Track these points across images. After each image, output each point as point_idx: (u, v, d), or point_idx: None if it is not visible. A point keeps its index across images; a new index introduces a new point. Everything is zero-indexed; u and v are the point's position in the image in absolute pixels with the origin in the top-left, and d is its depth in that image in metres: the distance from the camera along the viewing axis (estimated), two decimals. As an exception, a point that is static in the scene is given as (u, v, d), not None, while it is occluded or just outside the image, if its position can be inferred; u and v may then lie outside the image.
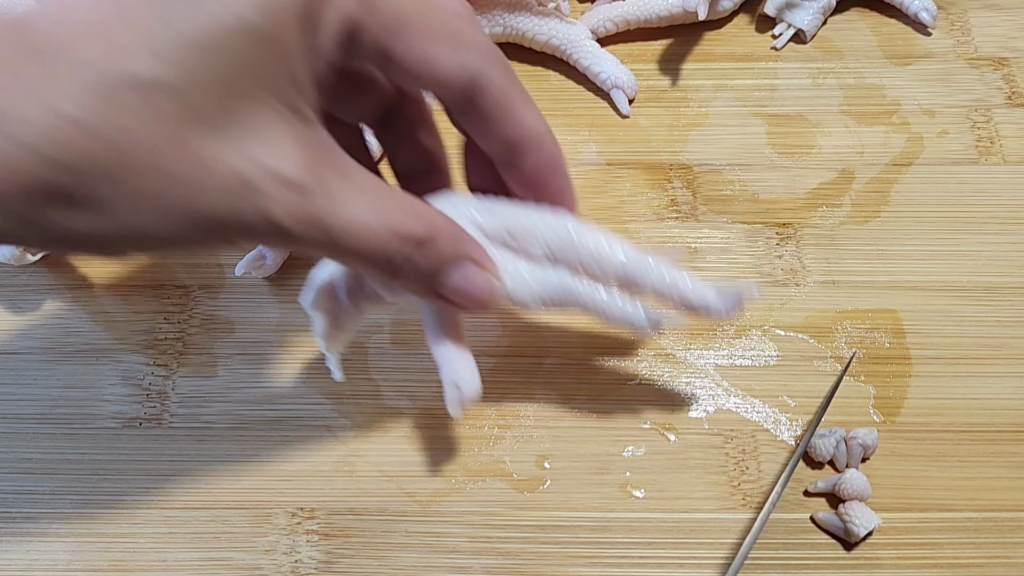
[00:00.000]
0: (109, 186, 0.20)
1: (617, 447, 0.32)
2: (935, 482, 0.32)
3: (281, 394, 0.34)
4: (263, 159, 0.21)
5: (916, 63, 0.41)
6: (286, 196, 0.22)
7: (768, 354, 0.34)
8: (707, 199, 0.38)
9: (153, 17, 0.20)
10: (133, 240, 0.21)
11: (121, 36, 0.19)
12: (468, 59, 0.24)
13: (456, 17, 0.24)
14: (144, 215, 0.21)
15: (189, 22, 0.20)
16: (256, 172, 0.21)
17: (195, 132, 0.20)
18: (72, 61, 0.19)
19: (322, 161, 0.23)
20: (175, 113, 0.20)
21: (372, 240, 0.23)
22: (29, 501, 0.32)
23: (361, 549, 0.31)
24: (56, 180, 0.19)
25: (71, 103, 0.19)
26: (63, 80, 0.19)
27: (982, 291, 0.35)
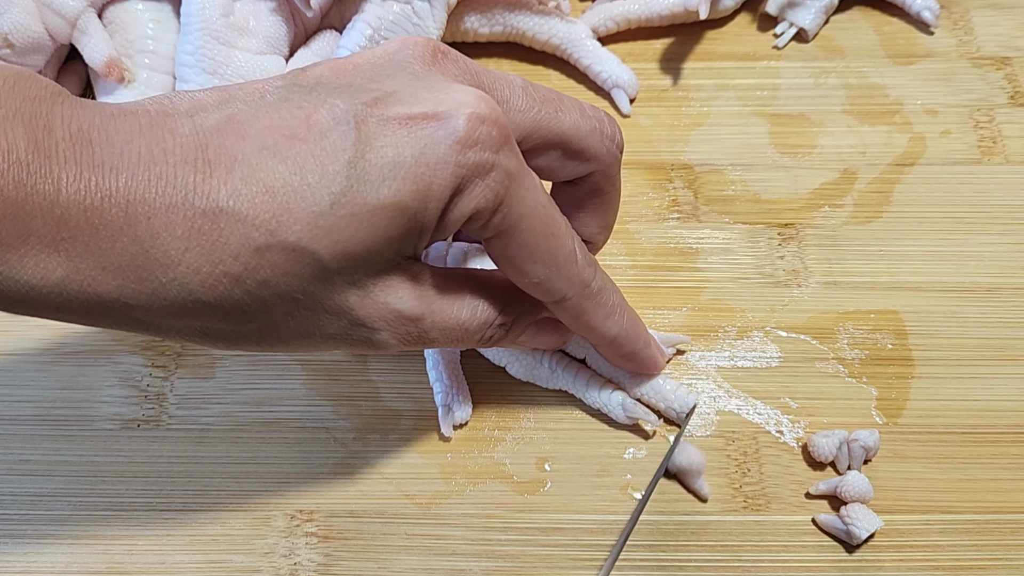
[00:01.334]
0: (242, 322, 0.24)
1: (618, 449, 0.32)
2: (937, 484, 0.31)
3: (280, 396, 0.34)
4: (382, 300, 0.25)
5: (918, 62, 0.41)
6: (397, 327, 0.26)
7: (770, 355, 0.34)
8: (708, 199, 0.38)
9: (326, 191, 0.23)
10: (253, 349, 0.26)
11: (292, 204, 0.23)
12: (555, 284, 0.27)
13: (560, 241, 0.27)
14: (268, 339, 0.25)
15: (356, 202, 0.23)
16: (372, 314, 0.26)
17: (326, 288, 0.24)
18: (239, 218, 0.22)
19: (427, 289, 0.27)
20: (315, 275, 0.24)
21: (465, 333, 0.28)
22: (27, 503, 0.32)
23: (360, 552, 0.31)
24: (200, 313, 0.24)
25: (235, 263, 0.23)
26: (228, 236, 0.22)
27: (984, 292, 0.35)
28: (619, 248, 0.37)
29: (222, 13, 0.37)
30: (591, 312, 0.29)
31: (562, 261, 0.27)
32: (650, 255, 0.36)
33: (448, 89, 0.24)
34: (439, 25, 0.38)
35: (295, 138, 0.23)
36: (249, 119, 0.23)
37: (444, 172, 0.24)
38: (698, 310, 0.35)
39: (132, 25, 0.38)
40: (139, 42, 0.38)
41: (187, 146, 0.22)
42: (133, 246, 0.22)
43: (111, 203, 0.22)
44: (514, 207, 0.25)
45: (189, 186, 0.22)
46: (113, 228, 0.22)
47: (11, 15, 0.36)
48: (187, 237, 0.22)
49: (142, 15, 0.38)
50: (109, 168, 0.22)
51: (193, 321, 0.24)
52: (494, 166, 0.24)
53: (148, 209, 0.22)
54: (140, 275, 0.22)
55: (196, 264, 0.22)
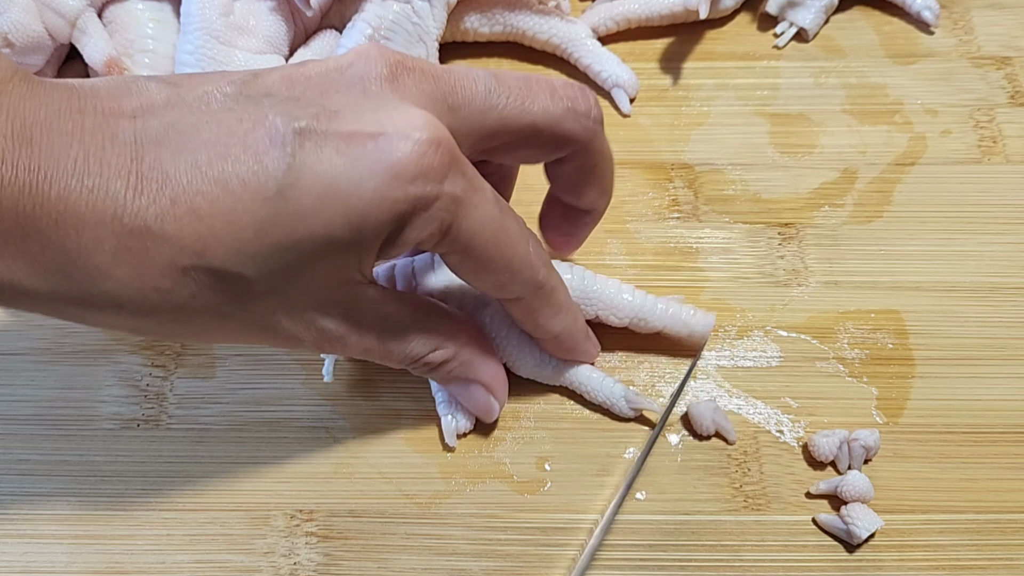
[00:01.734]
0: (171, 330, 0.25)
1: (618, 449, 0.32)
2: (938, 484, 0.31)
3: (280, 395, 0.34)
4: (311, 320, 0.26)
5: (919, 62, 0.41)
6: (320, 341, 0.27)
7: (770, 355, 0.34)
8: (709, 199, 0.38)
9: (252, 219, 0.23)
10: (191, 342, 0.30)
11: (219, 228, 0.23)
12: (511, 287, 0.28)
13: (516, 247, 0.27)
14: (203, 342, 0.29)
15: (284, 232, 0.23)
16: (302, 329, 0.26)
17: (255, 304, 0.25)
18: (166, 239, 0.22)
19: (364, 312, 0.27)
20: (241, 294, 0.24)
21: (389, 359, 0.29)
22: (26, 502, 0.32)
23: (360, 551, 0.31)
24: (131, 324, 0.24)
25: (163, 280, 0.23)
26: (155, 256, 0.23)
27: (985, 292, 0.35)
28: (619, 248, 0.37)
29: (222, 12, 0.37)
30: (541, 310, 0.29)
31: (516, 266, 0.27)
32: (650, 255, 0.36)
33: (395, 111, 0.24)
34: (439, 25, 0.38)
35: (228, 158, 0.22)
36: (189, 129, 0.23)
37: (381, 207, 0.23)
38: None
39: (132, 25, 0.38)
40: (139, 42, 0.38)
41: (123, 156, 0.22)
42: (62, 256, 0.22)
43: (43, 211, 0.22)
44: (464, 228, 0.25)
45: (119, 202, 0.22)
46: (43, 237, 0.22)
47: (11, 14, 0.36)
48: (115, 253, 0.22)
49: (142, 15, 0.38)
50: (44, 174, 0.22)
51: (125, 323, 0.24)
52: (438, 196, 0.24)
53: (78, 222, 0.22)
54: (70, 282, 0.23)
55: (125, 279, 0.23)
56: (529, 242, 0.28)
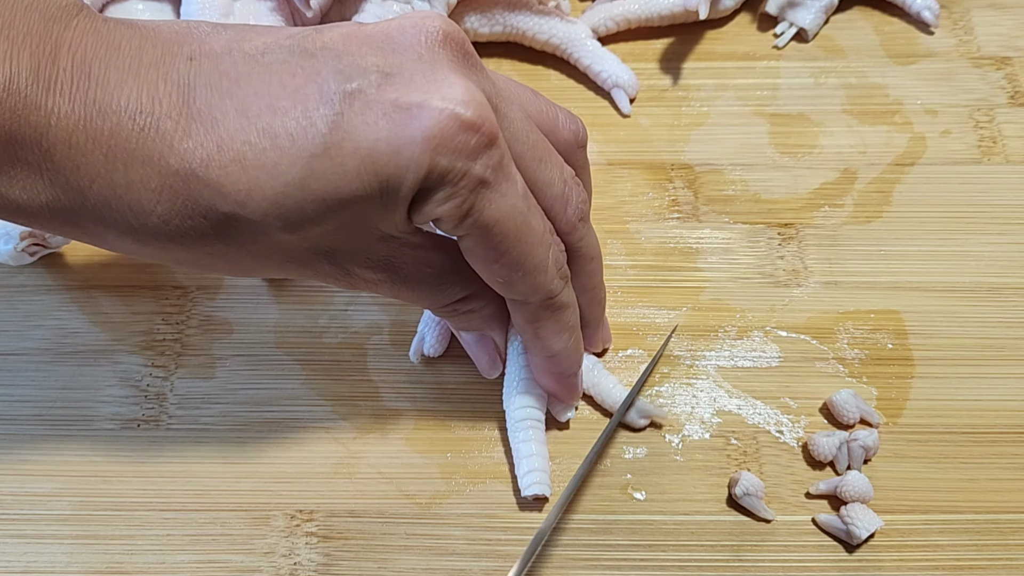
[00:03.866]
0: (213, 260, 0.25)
1: (618, 448, 0.32)
2: (937, 484, 0.31)
3: (280, 396, 0.34)
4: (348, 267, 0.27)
5: (918, 62, 0.41)
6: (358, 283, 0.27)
7: (770, 355, 0.34)
8: (708, 199, 0.38)
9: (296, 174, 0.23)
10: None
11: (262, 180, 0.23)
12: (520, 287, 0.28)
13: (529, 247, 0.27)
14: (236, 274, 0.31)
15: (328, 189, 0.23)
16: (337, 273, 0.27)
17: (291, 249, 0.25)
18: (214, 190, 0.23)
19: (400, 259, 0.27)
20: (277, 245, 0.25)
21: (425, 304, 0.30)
22: (27, 503, 0.32)
23: (360, 551, 0.31)
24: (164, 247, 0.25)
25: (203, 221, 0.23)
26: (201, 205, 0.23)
27: (985, 292, 0.35)
28: (619, 248, 0.37)
29: (222, 13, 0.37)
30: (545, 323, 0.29)
31: (530, 267, 0.27)
32: (650, 255, 0.36)
33: (444, 82, 0.24)
34: (439, 25, 0.38)
35: (278, 111, 0.23)
36: (242, 77, 0.23)
37: (409, 171, 0.23)
38: (698, 310, 0.35)
39: (132, 25, 0.38)
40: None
41: (175, 97, 0.23)
42: (108, 190, 0.23)
43: (94, 145, 0.22)
44: (486, 213, 0.25)
45: (167, 142, 0.23)
46: (92, 170, 0.23)
47: None
48: (160, 191, 0.23)
49: (142, 15, 0.38)
50: (99, 109, 0.22)
51: (161, 253, 0.25)
52: (465, 174, 0.24)
53: (127, 158, 0.23)
54: (115, 216, 0.23)
55: (167, 216, 0.23)
56: (551, 249, 0.27)
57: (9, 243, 0.34)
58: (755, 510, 0.31)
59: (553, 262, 0.27)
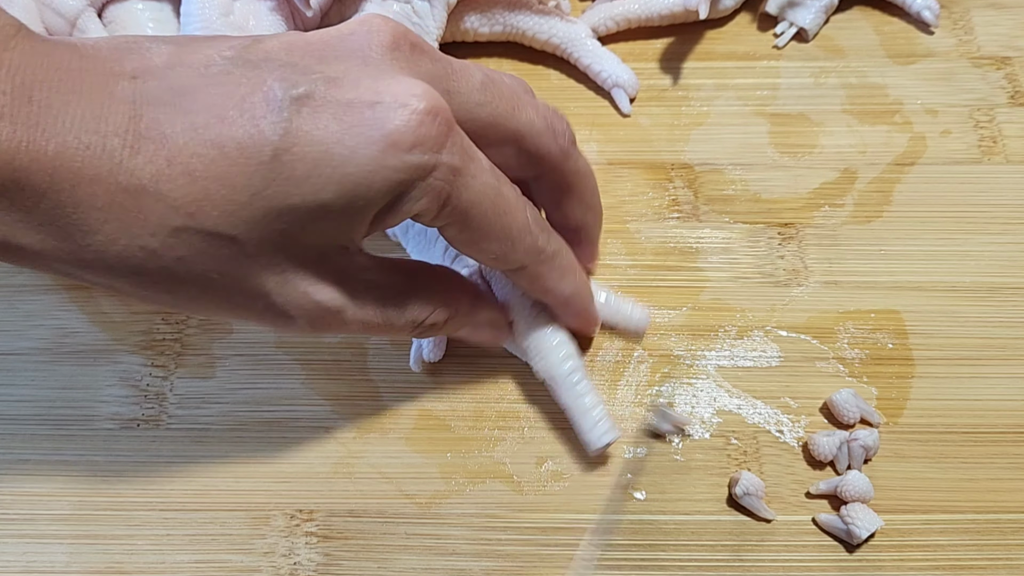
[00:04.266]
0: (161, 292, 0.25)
1: (618, 448, 0.32)
2: (937, 484, 0.31)
3: (280, 395, 0.34)
4: (302, 290, 0.25)
5: (918, 62, 0.41)
6: (313, 317, 0.26)
7: (770, 355, 0.34)
8: (709, 199, 0.38)
9: (247, 183, 0.23)
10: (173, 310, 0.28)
11: (213, 191, 0.23)
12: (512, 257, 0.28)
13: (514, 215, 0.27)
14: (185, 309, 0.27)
15: (278, 196, 0.23)
16: (290, 302, 0.25)
17: (244, 272, 0.24)
18: (160, 198, 0.22)
19: (357, 282, 0.26)
20: (231, 257, 0.24)
21: (391, 330, 0.28)
22: (27, 502, 0.32)
23: (360, 551, 0.31)
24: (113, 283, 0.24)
25: (152, 240, 0.23)
26: (148, 214, 0.23)
27: (985, 292, 0.35)
28: (619, 248, 0.37)
29: (222, 13, 0.36)
30: (547, 275, 0.29)
31: (516, 234, 0.27)
32: (650, 255, 0.36)
33: (393, 80, 0.24)
34: (439, 24, 0.38)
35: (225, 121, 0.23)
36: (188, 92, 0.23)
37: (376, 176, 0.23)
38: (698, 310, 0.35)
39: (132, 25, 0.38)
40: (139, 42, 0.38)
41: (121, 115, 0.22)
42: (56, 210, 0.22)
43: (39, 166, 0.22)
44: (463, 198, 0.25)
45: (116, 159, 0.22)
46: (37, 191, 0.22)
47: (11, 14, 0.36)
48: (107, 209, 0.22)
49: (142, 15, 0.38)
50: (42, 131, 0.22)
51: (109, 281, 0.24)
52: (436, 166, 0.24)
53: (73, 177, 0.22)
54: (60, 235, 0.23)
55: (114, 235, 0.23)
56: (527, 209, 0.27)
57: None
58: (755, 510, 0.31)
59: (532, 220, 0.28)
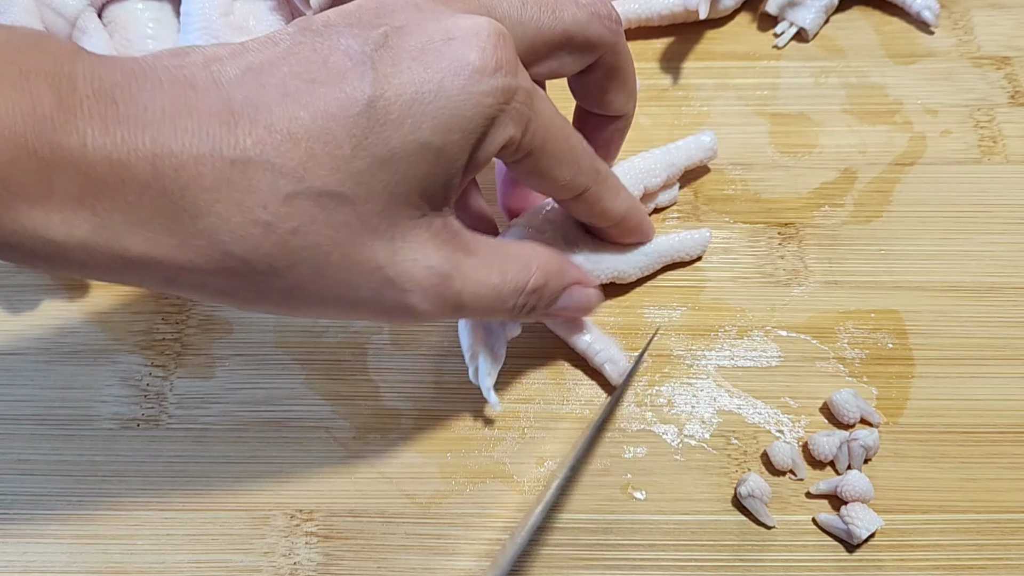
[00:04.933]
0: (270, 278, 0.24)
1: (618, 448, 0.32)
2: (937, 484, 0.31)
3: (280, 395, 0.34)
4: (411, 257, 0.25)
5: (919, 62, 0.41)
6: (427, 288, 0.26)
7: (770, 355, 0.34)
8: (709, 198, 0.38)
9: (348, 135, 0.23)
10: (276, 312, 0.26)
11: (317, 150, 0.23)
12: (578, 180, 0.29)
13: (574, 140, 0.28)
14: (293, 301, 0.25)
15: (380, 143, 0.23)
16: (402, 272, 0.25)
17: (357, 237, 0.24)
18: (267, 166, 0.22)
19: (456, 246, 0.26)
20: (344, 220, 0.23)
21: (498, 300, 0.27)
22: (27, 502, 0.32)
23: (360, 551, 0.31)
24: (227, 265, 0.23)
25: (264, 212, 0.22)
26: (258, 184, 0.22)
27: (985, 291, 0.35)
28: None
29: (222, 12, 0.36)
30: (606, 196, 0.30)
31: (580, 155, 0.28)
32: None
33: (455, 19, 0.24)
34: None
35: (314, 82, 0.23)
36: (267, 67, 0.23)
37: (467, 104, 0.24)
38: (698, 310, 0.35)
39: (132, 24, 0.38)
40: (139, 42, 0.38)
41: (210, 99, 0.22)
42: (161, 199, 0.22)
43: (138, 157, 0.22)
44: (540, 122, 0.26)
45: (216, 137, 0.22)
46: (140, 182, 0.22)
47: (11, 14, 0.36)
48: (216, 188, 0.22)
49: (142, 14, 0.38)
50: (134, 123, 0.22)
51: (218, 278, 0.24)
52: (516, 89, 0.24)
53: (176, 162, 0.22)
54: (168, 228, 0.22)
55: (226, 214, 0.22)
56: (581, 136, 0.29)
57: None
58: (757, 514, 0.31)
59: (586, 144, 0.29)
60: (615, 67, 0.30)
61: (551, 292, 0.30)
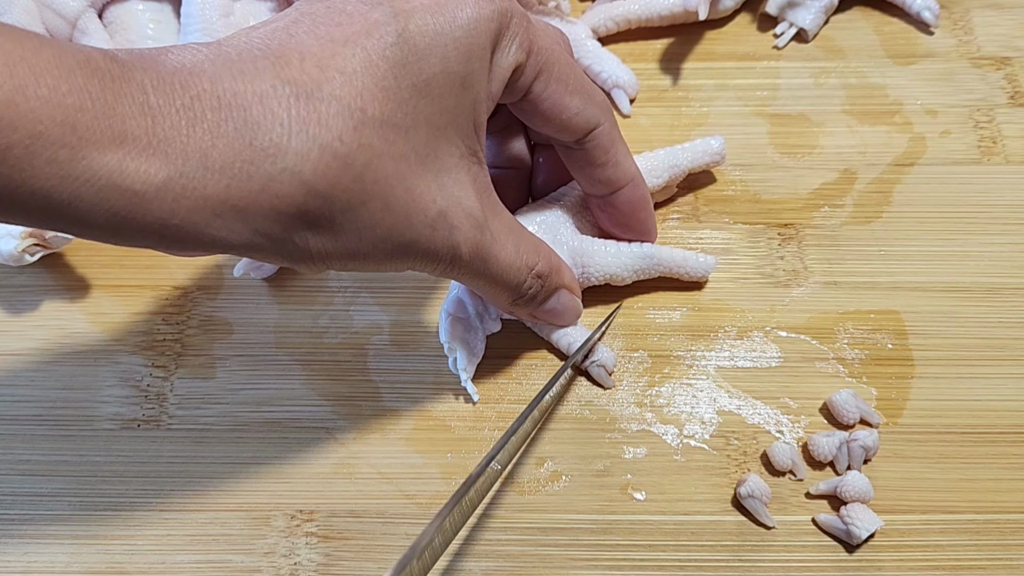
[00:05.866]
0: (348, 215, 0.24)
1: (618, 449, 0.32)
2: (937, 484, 0.31)
3: (280, 396, 0.34)
4: (456, 195, 0.26)
5: (918, 62, 0.41)
6: (469, 229, 0.27)
7: (770, 355, 0.34)
8: (708, 199, 0.38)
9: (390, 67, 0.24)
10: (346, 259, 0.25)
11: (368, 82, 0.23)
12: (590, 111, 0.29)
13: (579, 71, 0.29)
14: (364, 242, 0.25)
15: (416, 72, 0.24)
16: (451, 207, 0.26)
17: (413, 169, 0.25)
18: (332, 99, 0.23)
19: (487, 200, 0.27)
20: (402, 152, 0.24)
21: (514, 273, 0.29)
22: (27, 503, 0.32)
23: (360, 552, 0.31)
24: (309, 206, 0.23)
25: (335, 139, 0.23)
26: (328, 118, 0.23)
27: (984, 292, 0.35)
28: (619, 248, 0.37)
29: (222, 13, 0.37)
30: (618, 143, 0.31)
31: (588, 87, 0.29)
32: (650, 255, 0.36)
33: None
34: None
35: (344, 26, 0.24)
36: (293, 26, 0.24)
37: (478, 29, 0.25)
38: (698, 310, 0.35)
39: (132, 25, 0.38)
40: (139, 42, 0.38)
41: (255, 48, 0.23)
42: (236, 140, 0.22)
43: (202, 101, 0.22)
44: (542, 44, 0.27)
45: (273, 76, 0.23)
46: (211, 124, 0.22)
47: (11, 15, 0.36)
48: (289, 123, 0.23)
49: (142, 15, 0.38)
50: (188, 72, 0.22)
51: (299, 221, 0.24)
52: (512, 12, 0.26)
53: (242, 101, 0.22)
54: (248, 170, 0.22)
55: (304, 150, 0.23)
56: None
57: (9, 243, 0.34)
58: (757, 514, 0.31)
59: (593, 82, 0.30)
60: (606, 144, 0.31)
61: (553, 285, 0.31)
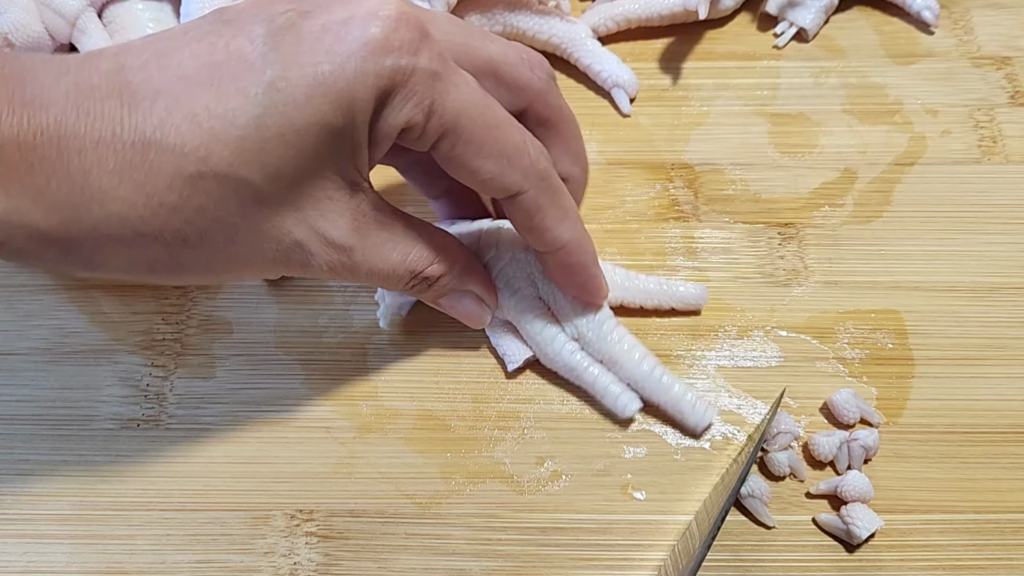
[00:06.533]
0: (185, 249, 0.24)
1: (618, 448, 0.32)
2: (937, 484, 0.31)
3: (280, 395, 0.34)
4: (318, 226, 0.26)
5: (919, 62, 0.41)
6: (328, 255, 0.27)
7: (770, 355, 0.34)
8: (709, 199, 0.38)
9: (250, 114, 0.23)
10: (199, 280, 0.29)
11: (219, 130, 0.23)
12: (509, 177, 0.27)
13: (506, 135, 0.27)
14: (212, 271, 0.26)
15: (280, 123, 0.23)
16: (309, 238, 0.26)
17: (262, 211, 0.25)
18: (169, 148, 0.23)
19: (366, 221, 0.27)
20: (250, 198, 0.24)
21: (391, 277, 0.29)
22: (27, 502, 0.32)
23: (360, 551, 0.31)
24: (140, 243, 0.24)
25: (170, 193, 0.23)
26: (160, 166, 0.23)
27: (985, 292, 0.35)
28: (619, 248, 0.37)
29: (222, 13, 0.36)
30: (546, 209, 0.28)
31: (511, 151, 0.27)
32: (650, 255, 0.36)
33: (360, 2, 0.24)
34: (439, 25, 0.38)
35: (215, 64, 0.23)
36: (171, 52, 0.24)
37: (364, 83, 0.24)
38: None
39: (132, 25, 0.38)
40: (139, 42, 0.38)
41: (112, 81, 0.23)
42: (67, 182, 0.22)
43: (43, 139, 0.22)
44: (448, 105, 0.25)
45: (116, 119, 0.23)
46: (47, 165, 0.22)
47: (11, 14, 0.36)
48: (119, 171, 0.23)
49: (142, 15, 0.38)
50: (39, 105, 0.22)
51: (136, 254, 0.24)
52: (414, 69, 0.24)
53: (79, 144, 0.22)
54: (78, 211, 0.23)
55: (131, 198, 0.23)
56: (524, 133, 0.28)
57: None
58: (757, 514, 0.31)
59: (531, 144, 0.28)
60: (549, 121, 0.30)
61: (443, 286, 0.30)
